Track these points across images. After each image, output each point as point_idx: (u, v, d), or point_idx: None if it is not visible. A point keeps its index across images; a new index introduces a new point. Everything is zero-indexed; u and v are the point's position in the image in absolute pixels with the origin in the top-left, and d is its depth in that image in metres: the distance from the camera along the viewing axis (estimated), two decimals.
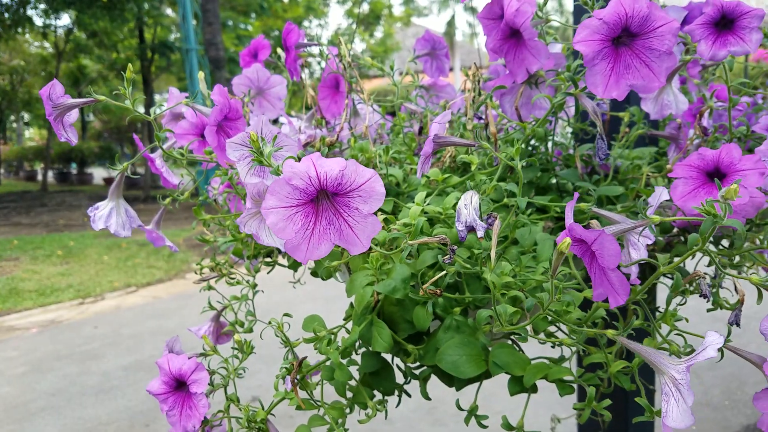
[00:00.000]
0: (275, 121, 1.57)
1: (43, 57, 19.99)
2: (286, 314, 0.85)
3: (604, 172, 1.00)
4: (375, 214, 0.61)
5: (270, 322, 0.81)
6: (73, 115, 0.83)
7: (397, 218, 0.93)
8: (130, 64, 0.80)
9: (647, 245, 0.70)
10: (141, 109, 0.83)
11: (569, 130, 1.14)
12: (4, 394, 3.90)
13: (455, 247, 0.68)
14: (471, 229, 0.68)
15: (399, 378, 0.90)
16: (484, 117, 0.86)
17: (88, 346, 4.74)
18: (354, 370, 0.90)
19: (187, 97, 1.03)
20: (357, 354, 0.92)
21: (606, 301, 0.63)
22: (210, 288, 1.20)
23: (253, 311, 1.15)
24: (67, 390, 3.94)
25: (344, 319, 0.93)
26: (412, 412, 3.21)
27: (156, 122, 0.81)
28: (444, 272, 0.70)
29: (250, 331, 1.18)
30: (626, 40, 0.72)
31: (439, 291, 0.70)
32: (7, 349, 4.79)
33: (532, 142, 1.10)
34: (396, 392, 0.89)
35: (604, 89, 0.73)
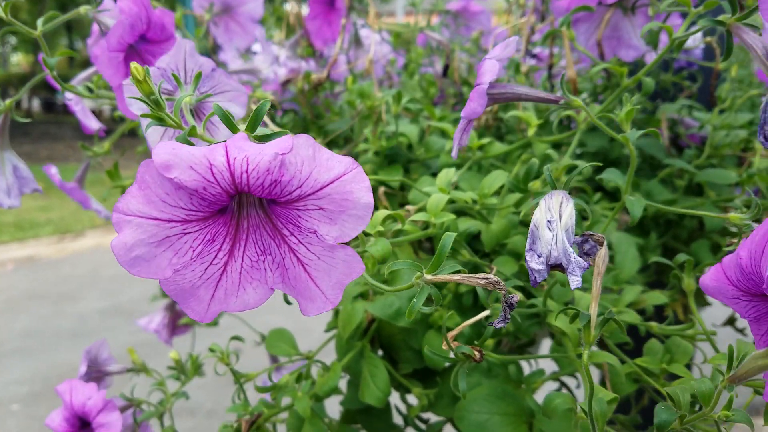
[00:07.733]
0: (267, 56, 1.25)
1: None
2: (235, 337, 0.59)
3: (693, 143, 0.73)
4: (354, 241, 0.34)
5: (212, 349, 0.55)
6: None
7: (406, 203, 0.65)
8: None
9: None
10: None
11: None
12: None
13: (516, 298, 0.39)
14: (556, 267, 0.41)
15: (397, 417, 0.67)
16: (549, 55, 0.58)
17: (65, 287, 4.56)
18: (335, 403, 0.66)
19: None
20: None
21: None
22: None
23: None
24: (41, 332, 3.78)
25: (326, 330, 0.68)
26: None
27: (42, 40, 0.52)
28: (485, 313, 0.42)
29: (215, 324, 0.93)
30: None
31: (478, 355, 0.43)
32: None
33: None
34: None
35: None
